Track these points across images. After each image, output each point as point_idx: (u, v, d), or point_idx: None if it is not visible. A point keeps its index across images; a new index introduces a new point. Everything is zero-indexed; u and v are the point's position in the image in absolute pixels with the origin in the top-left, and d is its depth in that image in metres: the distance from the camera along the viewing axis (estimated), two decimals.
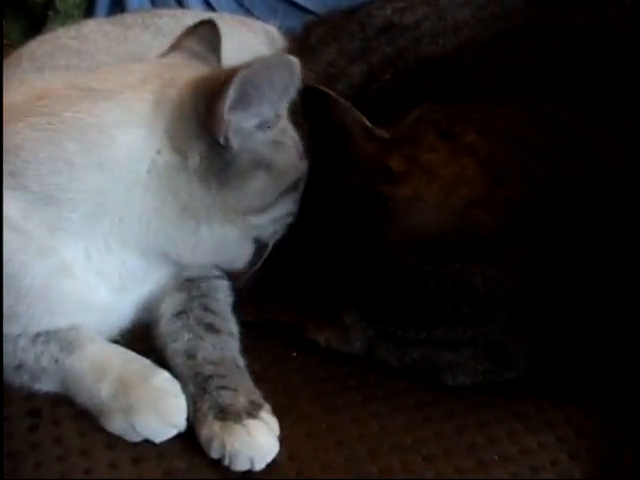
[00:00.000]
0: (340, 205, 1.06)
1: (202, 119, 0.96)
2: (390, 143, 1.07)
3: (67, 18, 1.76)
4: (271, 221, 1.05)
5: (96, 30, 1.41)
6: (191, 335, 1.06)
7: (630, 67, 1.20)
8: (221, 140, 0.97)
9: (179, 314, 1.08)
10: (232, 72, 0.94)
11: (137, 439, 0.98)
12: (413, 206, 1.02)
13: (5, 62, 1.30)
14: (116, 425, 0.99)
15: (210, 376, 1.01)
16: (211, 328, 1.08)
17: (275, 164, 1.02)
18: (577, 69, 1.23)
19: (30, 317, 1.00)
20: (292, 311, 1.09)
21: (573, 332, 1.04)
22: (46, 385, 1.03)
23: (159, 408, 0.98)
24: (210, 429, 0.97)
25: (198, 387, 1.01)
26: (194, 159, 0.97)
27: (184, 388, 1.01)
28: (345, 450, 1.00)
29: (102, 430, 0.99)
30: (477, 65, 1.28)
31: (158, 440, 0.98)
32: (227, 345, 1.07)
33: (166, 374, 1.01)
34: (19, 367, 1.03)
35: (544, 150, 1.08)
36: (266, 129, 1.01)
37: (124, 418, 0.98)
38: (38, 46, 1.36)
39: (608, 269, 1.04)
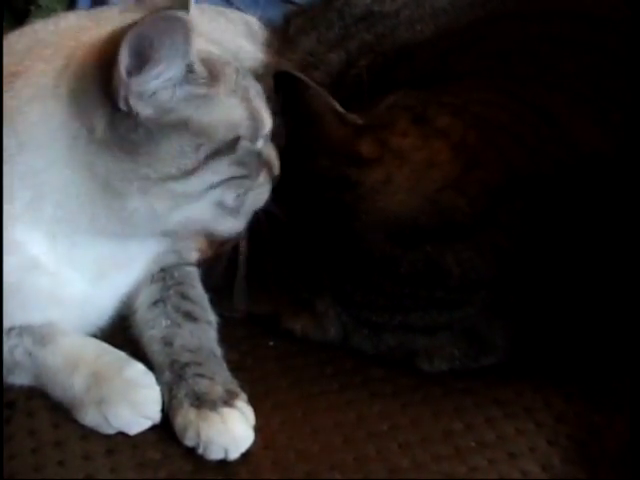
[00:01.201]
0: (311, 190, 1.06)
1: (102, 85, 0.92)
2: (362, 128, 1.07)
3: (49, 12, 1.74)
4: (209, 187, 0.97)
5: (74, 23, 1.40)
6: (168, 322, 1.06)
7: (612, 52, 1.20)
8: (122, 106, 0.91)
9: (156, 302, 1.08)
10: (121, 33, 0.89)
11: (111, 431, 0.97)
12: (384, 190, 1.02)
13: None
14: (89, 418, 0.98)
15: (187, 364, 1.01)
16: (189, 316, 1.07)
17: (193, 123, 0.94)
18: (556, 54, 1.22)
19: (5, 312, 0.99)
20: (266, 301, 1.09)
21: (550, 316, 1.04)
22: (20, 378, 1.02)
23: (132, 400, 0.97)
24: (185, 417, 0.96)
25: (174, 374, 1.00)
26: (100, 128, 0.93)
27: (160, 376, 1.01)
28: (320, 438, 0.99)
29: (76, 422, 0.98)
30: (454, 51, 1.27)
31: (132, 432, 0.97)
32: (205, 334, 1.06)
33: (140, 366, 1.00)
34: None
35: (520, 133, 1.08)
36: (173, 87, 0.93)
37: (97, 411, 0.97)
38: (16, 40, 1.35)
39: (584, 251, 1.03)
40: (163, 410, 0.98)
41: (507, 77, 1.19)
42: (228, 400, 0.98)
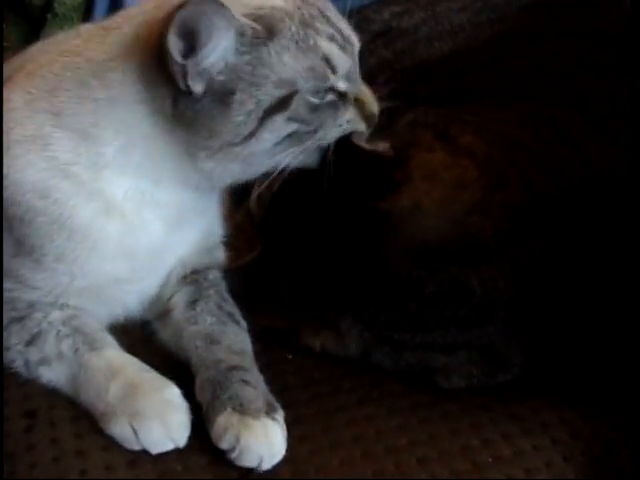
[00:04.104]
0: (338, 214, 1.06)
1: (163, 66, 0.95)
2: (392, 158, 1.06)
3: (66, 21, 1.75)
4: (273, 145, 0.98)
5: None
6: (214, 319, 1.07)
7: (627, 70, 1.21)
8: (182, 86, 0.94)
9: (195, 302, 1.09)
10: (169, 16, 0.92)
11: (135, 447, 0.97)
12: (412, 218, 1.03)
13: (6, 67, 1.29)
14: (117, 428, 0.98)
15: (234, 367, 1.01)
16: (232, 317, 1.09)
17: (243, 90, 0.95)
18: (572, 72, 1.24)
19: (76, 257, 1.01)
20: (286, 317, 1.10)
21: (567, 334, 1.05)
22: (53, 372, 1.03)
23: (165, 420, 0.97)
24: (227, 419, 0.97)
25: (220, 374, 1.00)
26: (167, 104, 0.97)
27: (202, 373, 1.01)
28: (339, 452, 1.00)
29: (98, 432, 0.99)
30: (472, 68, 1.29)
31: (155, 451, 0.98)
32: (246, 339, 1.07)
33: (178, 391, 1.00)
34: (32, 342, 1.03)
35: (540, 153, 1.09)
36: (225, 59, 0.94)
37: (128, 422, 0.97)
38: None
39: (603, 271, 1.04)
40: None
41: (524, 95, 1.20)
42: (269, 412, 0.99)
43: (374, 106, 1.04)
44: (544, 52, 1.29)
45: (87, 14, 1.78)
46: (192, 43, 0.93)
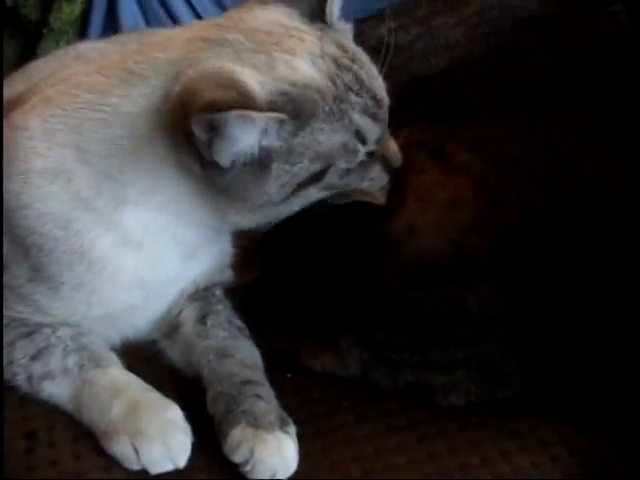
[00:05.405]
0: (335, 235, 1.07)
1: (191, 137, 0.92)
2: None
3: (61, 35, 1.75)
4: (302, 205, 1.00)
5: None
6: (225, 334, 1.08)
7: (622, 84, 1.21)
8: (209, 159, 0.93)
9: (205, 317, 1.10)
10: (191, 102, 0.90)
11: (135, 466, 0.98)
12: (408, 239, 1.03)
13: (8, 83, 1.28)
14: (118, 447, 0.98)
15: (248, 381, 1.03)
16: (243, 331, 1.10)
17: (276, 168, 0.94)
18: (567, 88, 1.24)
19: (94, 287, 1.02)
20: (286, 337, 1.10)
21: (564, 349, 1.05)
22: (55, 388, 1.03)
23: (167, 441, 0.98)
24: (242, 433, 0.98)
25: (234, 388, 1.02)
26: (195, 169, 0.95)
27: (215, 387, 1.02)
28: (339, 471, 1.00)
29: (98, 454, 0.99)
30: (468, 84, 1.29)
31: (154, 472, 0.98)
32: (257, 354, 1.08)
33: (180, 411, 1.01)
34: (37, 357, 1.04)
35: (535, 170, 1.09)
36: (252, 145, 0.93)
37: (129, 441, 0.98)
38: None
39: (599, 286, 1.05)
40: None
41: (520, 111, 1.21)
42: (282, 426, 1.00)
43: (398, 159, 1.05)
44: (540, 67, 1.29)
45: (83, 29, 1.79)
46: (216, 133, 0.90)
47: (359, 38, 1.47)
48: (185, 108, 0.91)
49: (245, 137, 0.91)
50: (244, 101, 0.90)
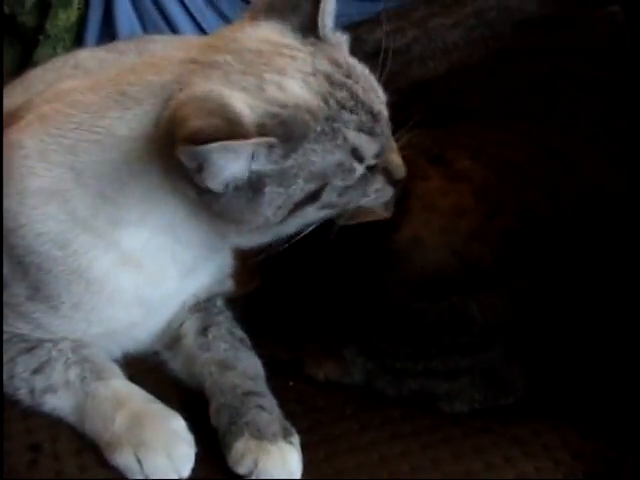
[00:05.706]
0: (340, 247, 1.06)
1: (183, 165, 0.91)
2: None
3: (58, 42, 1.76)
4: (301, 225, 0.99)
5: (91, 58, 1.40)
6: (227, 345, 1.08)
7: (621, 88, 1.21)
8: (200, 184, 0.92)
9: (206, 328, 1.10)
10: (178, 130, 0.89)
11: (138, 477, 0.98)
12: (412, 253, 1.03)
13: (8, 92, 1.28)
14: (122, 458, 0.98)
15: (250, 392, 1.03)
16: (244, 343, 1.10)
17: (269, 192, 0.93)
18: (566, 91, 1.24)
19: (93, 306, 1.02)
20: (289, 347, 1.10)
21: (567, 355, 1.05)
22: (58, 400, 1.03)
23: (171, 452, 0.98)
24: (245, 445, 0.98)
25: (236, 400, 1.01)
26: (190, 194, 0.95)
27: (217, 399, 1.02)
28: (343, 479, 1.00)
29: (102, 465, 0.99)
30: (466, 88, 1.28)
31: None
32: (258, 364, 1.08)
33: (183, 422, 1.01)
34: (39, 370, 1.04)
35: (536, 176, 1.09)
36: (243, 170, 0.92)
37: (133, 452, 0.98)
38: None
39: (601, 292, 1.05)
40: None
41: (519, 115, 1.21)
42: (285, 436, 1.00)
43: (401, 171, 1.02)
44: (538, 71, 1.28)
45: (79, 35, 1.79)
46: (203, 164, 0.90)
47: (355, 44, 1.48)
48: (172, 135, 0.90)
49: (231, 165, 0.90)
50: (229, 128, 0.88)
